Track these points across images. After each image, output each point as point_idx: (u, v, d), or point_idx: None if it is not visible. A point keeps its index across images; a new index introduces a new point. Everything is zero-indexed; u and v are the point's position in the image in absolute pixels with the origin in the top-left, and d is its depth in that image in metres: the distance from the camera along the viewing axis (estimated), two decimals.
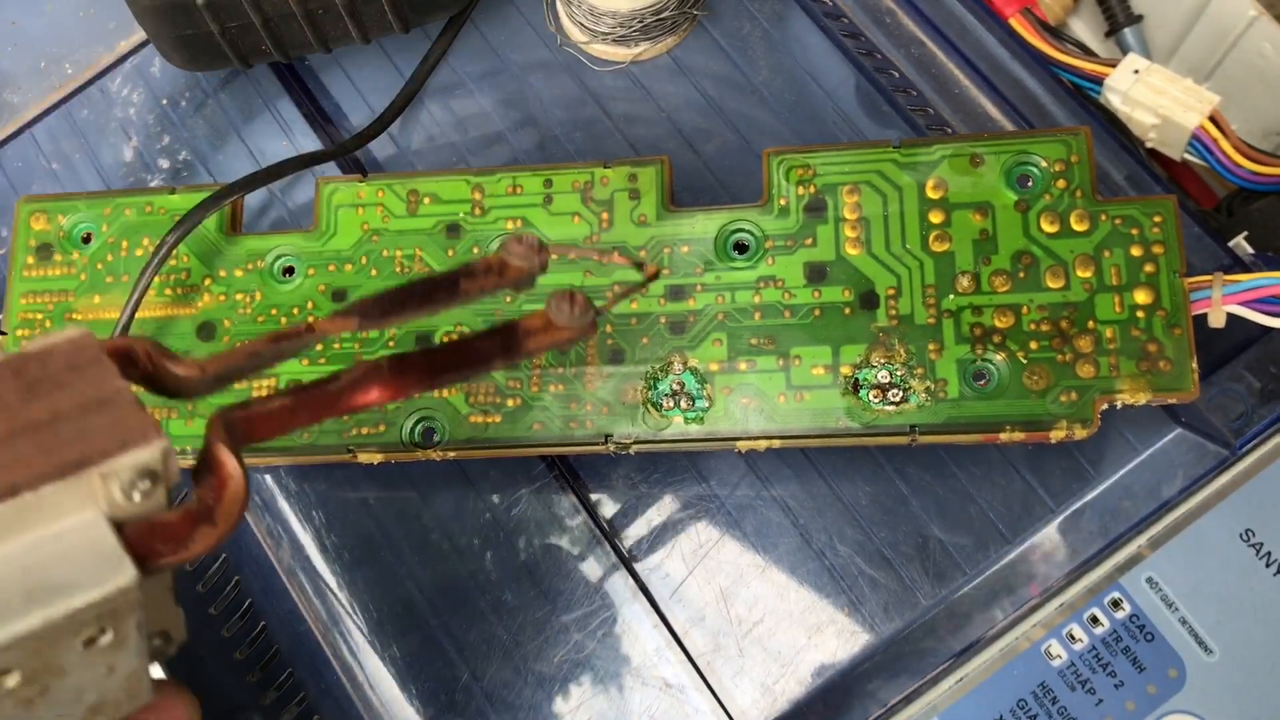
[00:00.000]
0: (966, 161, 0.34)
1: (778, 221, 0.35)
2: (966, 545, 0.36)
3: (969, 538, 0.36)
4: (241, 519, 0.22)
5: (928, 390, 0.33)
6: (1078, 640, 0.34)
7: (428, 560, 0.38)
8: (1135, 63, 0.40)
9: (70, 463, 0.19)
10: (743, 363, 0.34)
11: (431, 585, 0.38)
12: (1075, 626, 0.34)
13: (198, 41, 0.39)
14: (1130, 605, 0.34)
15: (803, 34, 0.41)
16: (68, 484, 0.19)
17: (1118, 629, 0.34)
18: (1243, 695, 0.33)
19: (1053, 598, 0.35)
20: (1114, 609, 0.34)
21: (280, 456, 0.35)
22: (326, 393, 0.23)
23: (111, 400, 0.20)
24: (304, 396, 0.23)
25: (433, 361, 0.24)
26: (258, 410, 0.22)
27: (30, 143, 0.45)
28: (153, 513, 0.20)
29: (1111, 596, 0.34)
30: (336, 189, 0.37)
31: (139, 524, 0.20)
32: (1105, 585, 0.34)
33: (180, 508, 0.21)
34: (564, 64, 0.42)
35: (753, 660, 0.36)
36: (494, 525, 0.38)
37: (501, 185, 0.36)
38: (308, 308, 0.36)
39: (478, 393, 0.35)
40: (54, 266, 0.38)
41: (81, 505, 0.19)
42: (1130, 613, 0.34)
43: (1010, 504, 0.36)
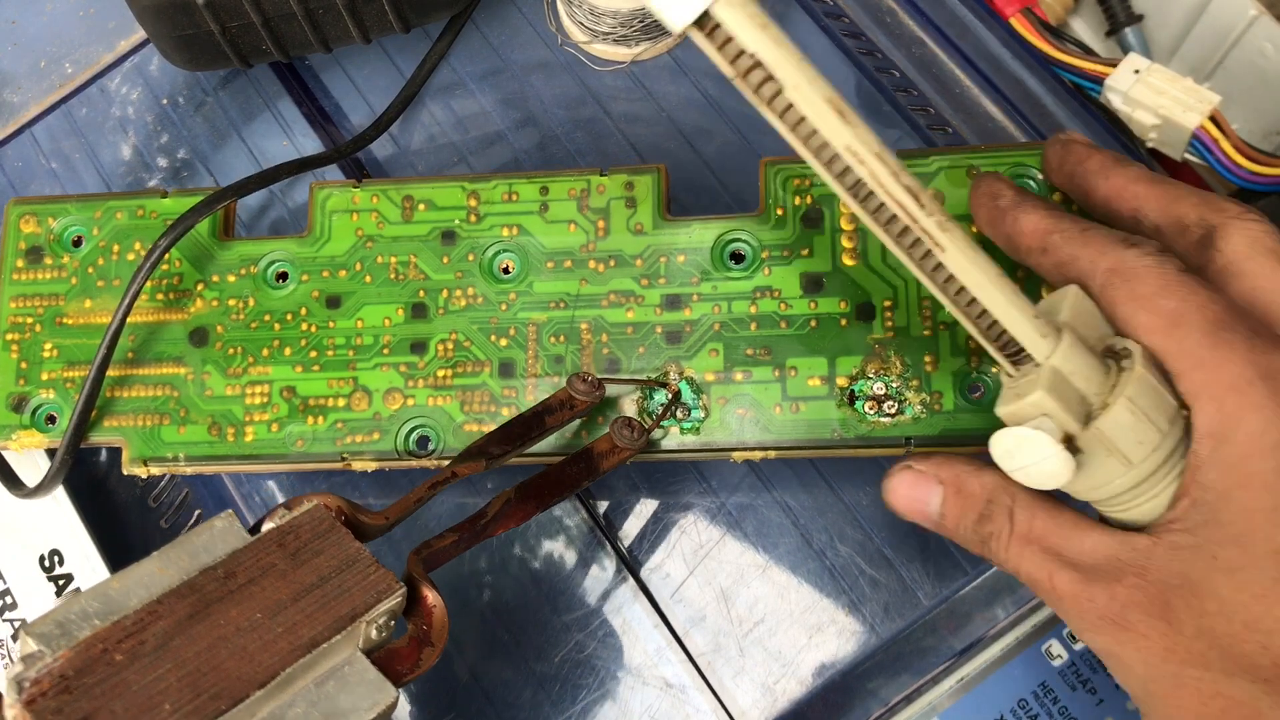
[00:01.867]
0: (963, 173, 0.34)
1: (774, 232, 0.34)
2: None
3: None
4: (448, 636, 0.27)
5: (923, 402, 0.33)
6: (1078, 640, 0.34)
7: None
8: (1136, 62, 0.40)
9: (345, 616, 0.25)
10: (739, 373, 0.34)
11: None
12: None
13: (198, 41, 0.39)
14: None
15: (804, 34, 0.41)
16: (345, 632, 0.25)
17: None
18: None
19: None
20: None
21: (276, 464, 0.35)
22: (478, 526, 0.30)
23: (356, 560, 0.26)
24: (466, 532, 0.30)
25: (542, 487, 0.31)
26: (437, 546, 0.29)
27: (30, 142, 0.45)
28: (390, 642, 0.27)
29: None
30: (331, 194, 0.37)
31: (383, 653, 0.26)
32: None
33: (406, 636, 0.27)
34: (565, 64, 0.42)
35: (753, 660, 0.36)
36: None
37: (497, 192, 0.36)
38: (301, 314, 0.36)
39: (473, 401, 0.35)
40: (44, 270, 0.37)
41: (348, 645, 0.25)
42: None
43: None
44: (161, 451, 0.35)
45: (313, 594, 0.25)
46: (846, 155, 0.25)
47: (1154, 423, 0.25)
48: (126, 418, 0.36)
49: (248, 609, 0.24)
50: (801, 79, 0.24)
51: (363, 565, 0.26)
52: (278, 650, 0.24)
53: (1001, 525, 0.28)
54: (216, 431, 0.35)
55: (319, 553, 0.26)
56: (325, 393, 0.35)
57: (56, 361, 0.37)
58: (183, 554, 0.25)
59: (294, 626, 0.24)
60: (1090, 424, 0.26)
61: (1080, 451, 0.26)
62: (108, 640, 0.23)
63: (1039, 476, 0.27)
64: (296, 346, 0.36)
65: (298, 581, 0.25)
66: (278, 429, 0.35)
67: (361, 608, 0.25)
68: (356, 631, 0.25)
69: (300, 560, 0.26)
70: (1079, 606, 0.26)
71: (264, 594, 0.25)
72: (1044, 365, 0.26)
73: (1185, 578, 0.25)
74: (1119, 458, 0.26)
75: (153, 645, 0.23)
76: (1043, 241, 0.29)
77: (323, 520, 0.27)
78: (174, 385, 0.36)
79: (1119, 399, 0.25)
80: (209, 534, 0.26)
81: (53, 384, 0.36)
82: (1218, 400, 0.25)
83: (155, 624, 0.23)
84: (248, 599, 0.25)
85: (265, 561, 0.25)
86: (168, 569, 0.25)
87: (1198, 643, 0.24)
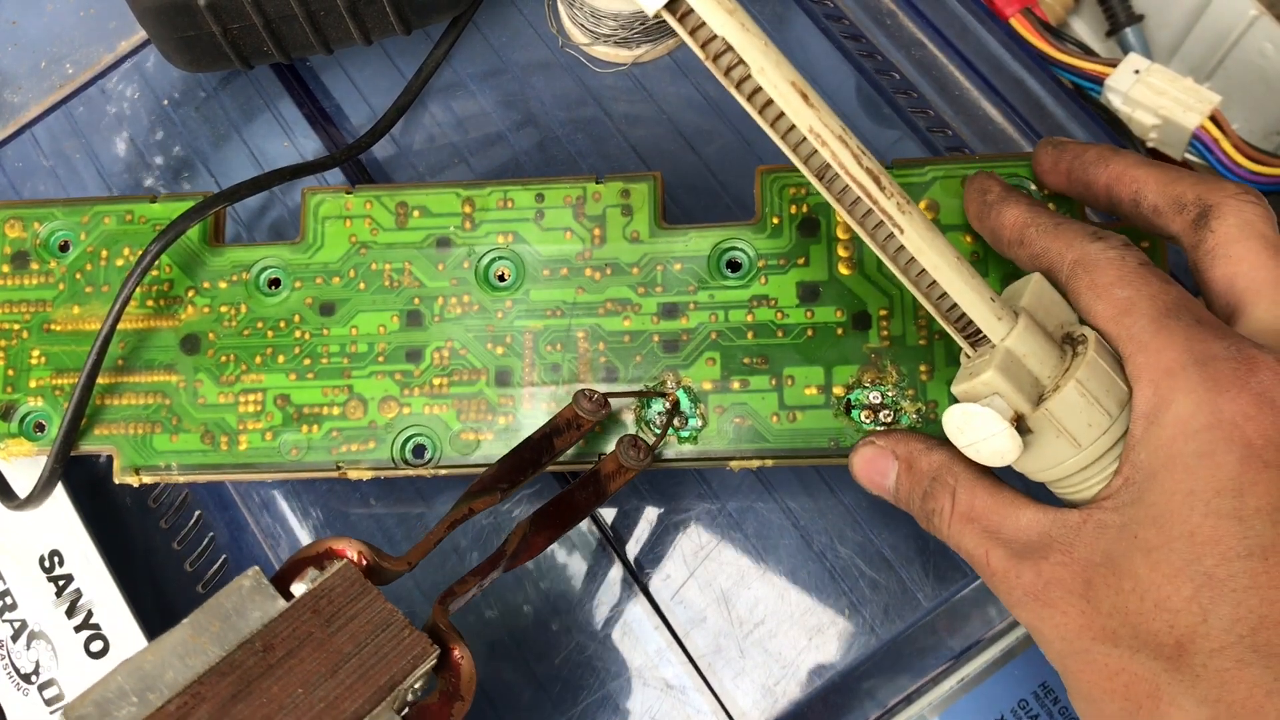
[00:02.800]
0: (958, 183, 0.34)
1: (771, 241, 0.34)
2: None
3: None
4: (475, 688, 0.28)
5: (919, 411, 0.33)
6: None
7: (429, 563, 0.38)
8: (1136, 63, 0.40)
9: (384, 686, 0.25)
10: (736, 382, 0.34)
11: (433, 587, 0.38)
12: None
13: (200, 43, 0.39)
14: None
15: (804, 36, 0.41)
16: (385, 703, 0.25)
17: None
18: None
19: None
20: None
21: (270, 473, 0.35)
22: (498, 564, 0.30)
23: (389, 622, 0.26)
24: (486, 574, 0.30)
25: (554, 515, 0.32)
26: (460, 591, 0.29)
27: (30, 142, 0.45)
28: (421, 699, 0.27)
29: None
30: (324, 200, 0.36)
31: (414, 710, 0.27)
32: None
33: (435, 692, 0.27)
34: (565, 65, 0.42)
35: (754, 661, 0.36)
36: (495, 528, 0.38)
37: (493, 199, 0.36)
38: (295, 321, 0.36)
39: (469, 409, 0.35)
40: (30, 275, 0.37)
41: (386, 711, 0.25)
42: None
43: None
44: (154, 460, 0.35)
45: (350, 663, 0.25)
46: (810, 137, 0.26)
47: (1103, 406, 0.26)
48: (117, 426, 0.36)
49: (288, 684, 0.25)
50: (766, 62, 0.26)
51: (396, 629, 0.26)
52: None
53: (943, 503, 0.29)
54: (210, 440, 0.35)
55: (353, 617, 0.26)
56: (320, 401, 0.35)
57: (44, 369, 0.36)
58: (213, 619, 0.25)
59: (335, 701, 0.25)
60: (1041, 405, 0.27)
61: (1030, 432, 0.27)
62: None
63: (989, 453, 0.28)
64: (290, 354, 0.35)
65: (335, 650, 0.26)
66: (272, 438, 0.35)
67: (399, 676, 0.26)
68: (394, 698, 0.26)
69: (335, 626, 0.26)
70: (1008, 583, 0.27)
71: (303, 666, 0.25)
72: (998, 346, 0.27)
73: (1107, 555, 0.25)
74: (1068, 439, 0.27)
75: None
76: (1020, 234, 0.30)
77: (354, 582, 0.27)
78: (166, 393, 0.36)
79: (1069, 381, 0.26)
80: (238, 595, 0.26)
81: (41, 391, 0.36)
82: (1154, 383, 0.25)
83: (200, 707, 0.24)
84: (287, 673, 0.25)
85: (302, 631, 0.26)
86: (200, 636, 0.25)
87: (1111, 620, 0.25)
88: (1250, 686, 0.24)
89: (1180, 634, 0.24)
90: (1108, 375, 0.26)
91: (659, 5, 0.26)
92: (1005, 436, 0.27)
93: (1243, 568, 0.24)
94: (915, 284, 0.28)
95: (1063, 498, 0.28)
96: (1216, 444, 0.24)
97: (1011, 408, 0.27)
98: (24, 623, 0.38)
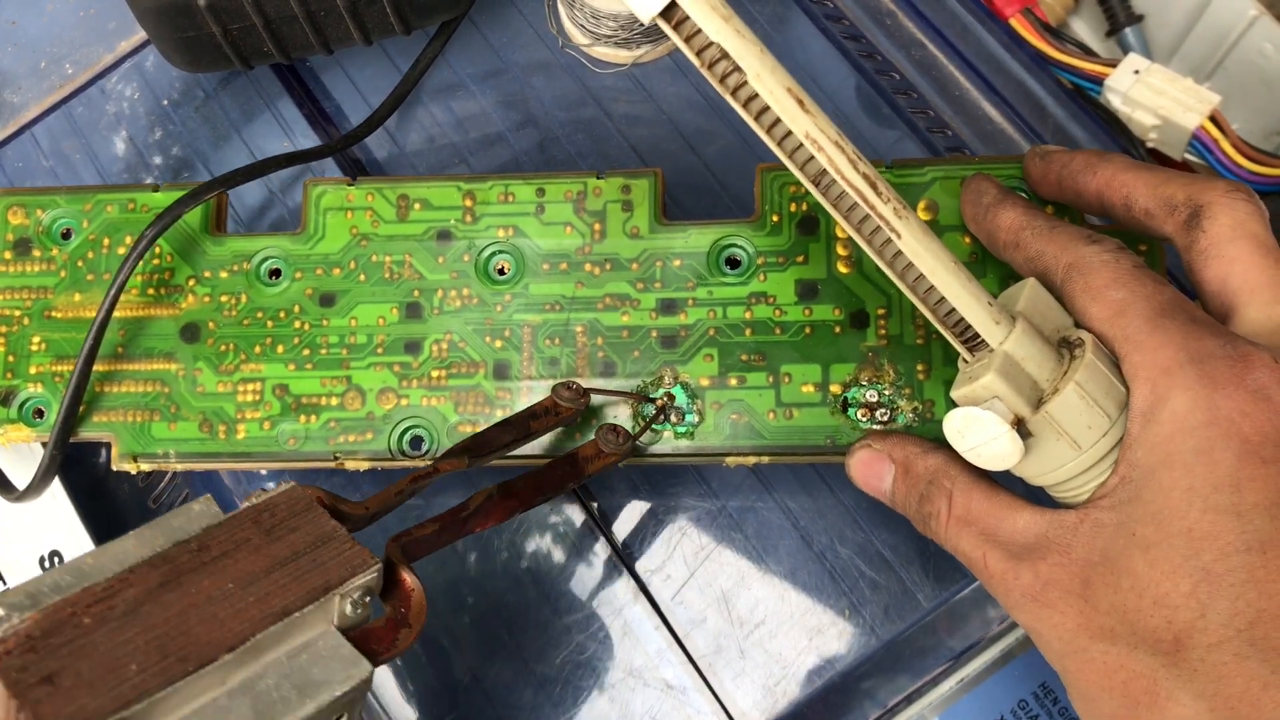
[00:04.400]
0: (958, 184, 0.34)
1: (770, 238, 0.34)
2: None
3: None
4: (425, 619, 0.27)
5: (915, 410, 0.33)
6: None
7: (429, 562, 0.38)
8: (1135, 63, 0.40)
9: (318, 588, 0.25)
10: (733, 378, 0.34)
11: (433, 587, 0.38)
12: None
13: (200, 43, 0.39)
14: None
15: (804, 36, 0.41)
16: (318, 604, 0.25)
17: None
18: None
19: None
20: None
21: (267, 462, 0.35)
22: (459, 519, 0.30)
23: (332, 537, 0.26)
24: (446, 523, 0.30)
25: (525, 487, 0.32)
26: (417, 535, 0.29)
27: (30, 142, 0.45)
28: (366, 621, 0.26)
29: None
30: (325, 191, 0.36)
31: (359, 631, 0.26)
32: None
33: (383, 617, 0.27)
34: (565, 65, 0.42)
35: (754, 662, 0.36)
36: (496, 528, 0.38)
37: (493, 192, 0.36)
38: (295, 311, 0.36)
39: (467, 402, 0.35)
40: (32, 262, 0.37)
41: (322, 620, 0.25)
42: None
43: None
44: (151, 448, 0.35)
45: (286, 567, 0.25)
46: (806, 142, 0.26)
47: (1102, 408, 0.26)
48: (116, 413, 0.36)
49: (220, 579, 0.24)
50: (762, 68, 0.26)
51: (338, 542, 0.26)
52: (248, 617, 0.24)
53: (940, 506, 0.29)
54: (208, 429, 0.35)
55: (294, 529, 0.26)
56: (318, 391, 0.35)
57: (44, 355, 0.36)
58: (159, 533, 0.25)
59: (266, 596, 0.24)
60: (1041, 408, 0.27)
61: (1031, 435, 0.27)
62: (76, 604, 0.23)
63: (989, 457, 0.28)
64: (289, 344, 0.35)
65: (271, 555, 0.25)
66: (270, 427, 0.35)
67: (336, 580, 0.25)
68: (330, 605, 0.25)
69: (275, 536, 0.26)
70: (1006, 585, 0.27)
71: (237, 566, 0.25)
72: (997, 350, 0.27)
73: (1105, 554, 0.25)
74: (1068, 441, 0.27)
75: (122, 610, 0.23)
76: (1015, 237, 0.30)
77: (299, 499, 0.27)
78: (165, 381, 0.36)
79: (1069, 383, 0.26)
80: (186, 515, 0.26)
81: (41, 378, 0.36)
82: (1150, 381, 0.26)
83: (125, 590, 0.23)
84: (220, 570, 0.24)
85: (240, 536, 0.25)
86: (143, 547, 0.25)
87: (1109, 618, 0.25)
88: (1248, 680, 0.24)
89: (1178, 629, 0.24)
90: (1106, 378, 0.26)
91: (654, 12, 0.26)
92: (1007, 439, 0.27)
93: (1241, 562, 0.24)
94: (912, 289, 0.28)
95: (1061, 501, 0.28)
96: (1214, 440, 0.24)
97: (1011, 411, 0.27)
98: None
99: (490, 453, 0.32)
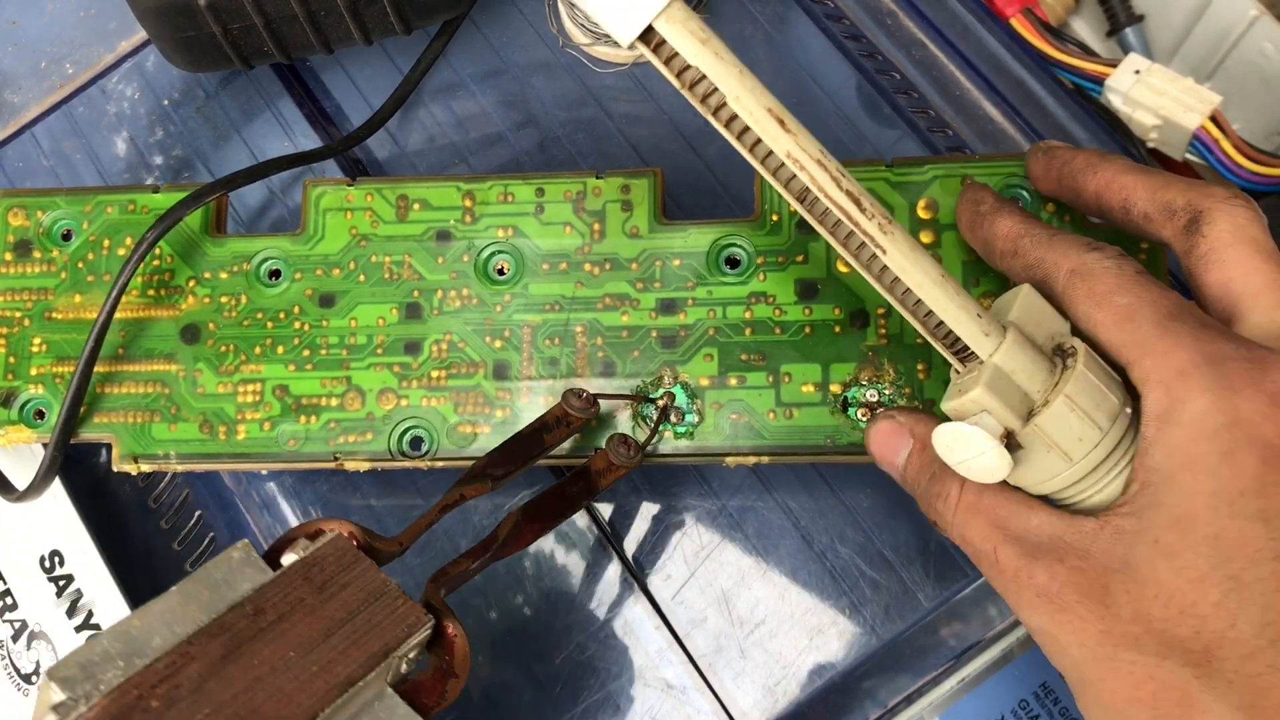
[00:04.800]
0: (958, 183, 0.34)
1: (770, 238, 0.34)
2: None
3: None
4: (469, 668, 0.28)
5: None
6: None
7: (429, 562, 0.38)
8: (1136, 63, 0.40)
9: (378, 652, 0.25)
10: (733, 378, 0.34)
11: None
12: None
13: (200, 43, 0.39)
14: None
15: (804, 36, 0.41)
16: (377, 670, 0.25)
17: None
18: None
19: None
20: None
21: (268, 463, 0.35)
22: (491, 549, 0.30)
23: (383, 592, 0.26)
24: (479, 556, 0.30)
25: (545, 507, 0.32)
26: (454, 573, 0.29)
27: (31, 143, 0.45)
28: (415, 674, 0.27)
29: None
30: (325, 192, 0.36)
31: (408, 685, 0.26)
32: None
33: (430, 668, 0.27)
34: (566, 65, 0.42)
35: (754, 661, 0.36)
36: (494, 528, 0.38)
37: (493, 192, 0.36)
38: (294, 312, 0.36)
39: (467, 402, 0.35)
40: (33, 264, 0.37)
41: (379, 681, 0.25)
42: None
43: None
44: (152, 449, 0.35)
45: (343, 629, 0.25)
46: (788, 162, 0.26)
47: (1094, 420, 0.26)
48: (117, 414, 0.36)
49: (280, 647, 0.24)
50: (741, 89, 0.26)
51: (390, 598, 0.26)
52: (314, 690, 0.24)
53: (951, 488, 0.28)
54: (208, 429, 0.35)
55: (345, 585, 0.26)
56: (318, 392, 0.35)
57: (45, 356, 0.36)
58: (202, 587, 0.25)
59: (328, 665, 0.24)
60: (1031, 420, 0.27)
61: (1021, 447, 0.27)
62: (141, 686, 0.22)
63: (979, 471, 0.27)
64: (289, 345, 0.35)
65: (327, 616, 0.25)
66: (270, 428, 0.35)
67: (394, 643, 0.25)
68: (388, 667, 0.25)
69: (328, 594, 0.26)
70: (1018, 582, 0.27)
71: (295, 631, 0.25)
72: (987, 362, 0.27)
73: (1125, 561, 0.25)
74: (1059, 454, 0.26)
75: (188, 689, 0.23)
76: (1014, 245, 0.30)
77: (346, 552, 0.27)
78: (165, 382, 0.36)
79: (1058, 396, 0.26)
80: (227, 566, 0.25)
81: (41, 379, 0.36)
82: (1165, 384, 0.25)
83: (189, 666, 0.23)
84: (279, 637, 0.24)
85: (293, 596, 0.25)
86: (188, 604, 0.24)
87: (1134, 626, 0.25)
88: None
89: (1208, 640, 0.24)
90: (1097, 389, 0.26)
91: (632, 37, 0.25)
92: (994, 455, 0.26)
93: (1271, 570, 0.24)
94: (901, 302, 0.28)
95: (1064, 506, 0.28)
96: (1236, 444, 0.24)
97: (1001, 424, 0.27)
98: (24, 623, 0.38)
99: (510, 473, 0.32)
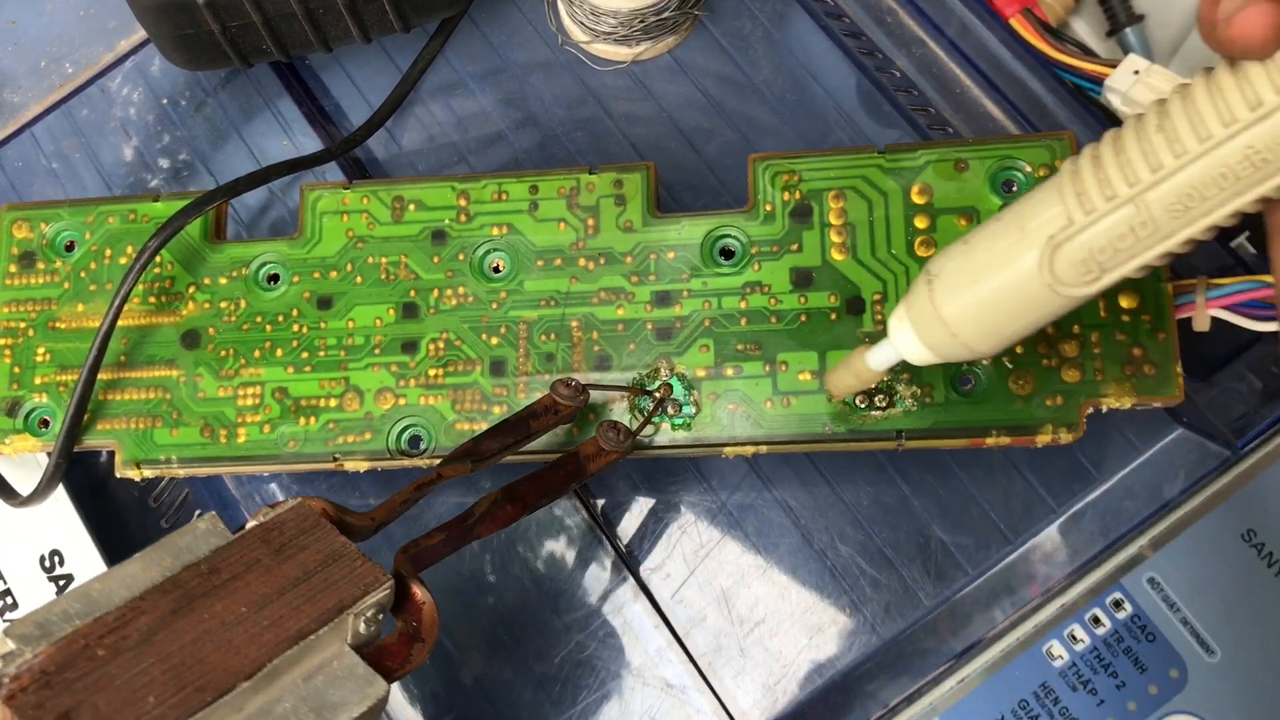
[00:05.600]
0: (951, 166, 0.34)
1: (764, 227, 0.34)
2: (968, 545, 0.36)
3: (970, 538, 0.36)
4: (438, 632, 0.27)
5: (914, 395, 0.33)
6: (1079, 641, 0.34)
7: None
8: (1136, 63, 0.39)
9: (332, 608, 0.25)
10: (729, 368, 0.34)
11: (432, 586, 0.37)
12: (1077, 627, 0.34)
13: (199, 41, 0.39)
14: (1132, 605, 0.34)
15: (804, 34, 0.41)
16: (332, 625, 0.25)
17: (1119, 629, 0.34)
18: (1244, 696, 0.33)
19: (1054, 598, 0.35)
20: (1115, 609, 0.34)
21: (268, 465, 0.35)
22: (465, 526, 0.30)
23: (342, 554, 0.26)
24: (452, 531, 0.29)
25: (529, 490, 0.31)
26: (425, 545, 0.29)
27: (30, 142, 0.45)
28: (379, 637, 0.26)
29: (1113, 597, 0.34)
30: (321, 195, 0.37)
31: (372, 648, 0.26)
32: (1107, 585, 0.34)
33: (395, 633, 0.27)
34: (565, 63, 0.42)
35: (754, 661, 0.36)
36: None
37: (487, 191, 0.36)
38: (293, 315, 0.36)
39: (465, 400, 0.35)
40: (37, 275, 0.38)
41: (336, 640, 0.25)
42: (1132, 613, 0.34)
43: (1012, 504, 0.36)
44: (154, 454, 0.36)
45: (298, 588, 0.25)
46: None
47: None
48: (119, 420, 0.36)
49: (232, 603, 0.24)
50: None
51: (349, 559, 0.26)
52: (264, 643, 0.24)
53: None
54: (209, 433, 0.35)
55: (304, 548, 0.26)
56: (317, 393, 0.35)
57: (49, 365, 0.37)
58: (165, 554, 0.25)
59: (280, 620, 0.24)
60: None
61: None
62: (89, 636, 0.23)
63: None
64: (288, 348, 0.36)
65: (283, 576, 0.25)
66: (270, 430, 0.35)
67: (349, 600, 0.25)
68: (344, 625, 0.25)
69: (285, 555, 0.25)
70: None
71: (249, 589, 0.24)
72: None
73: None
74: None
75: (136, 640, 0.23)
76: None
77: (307, 516, 0.27)
78: (166, 387, 0.36)
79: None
80: (192, 535, 0.25)
81: (46, 388, 0.37)
82: None
83: (138, 619, 0.23)
84: (232, 594, 0.24)
85: (249, 557, 0.25)
86: (150, 569, 0.24)
87: None
88: None
89: None
90: None
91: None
92: None
93: None
94: None
95: None
96: None
97: None
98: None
99: (492, 456, 0.32)
